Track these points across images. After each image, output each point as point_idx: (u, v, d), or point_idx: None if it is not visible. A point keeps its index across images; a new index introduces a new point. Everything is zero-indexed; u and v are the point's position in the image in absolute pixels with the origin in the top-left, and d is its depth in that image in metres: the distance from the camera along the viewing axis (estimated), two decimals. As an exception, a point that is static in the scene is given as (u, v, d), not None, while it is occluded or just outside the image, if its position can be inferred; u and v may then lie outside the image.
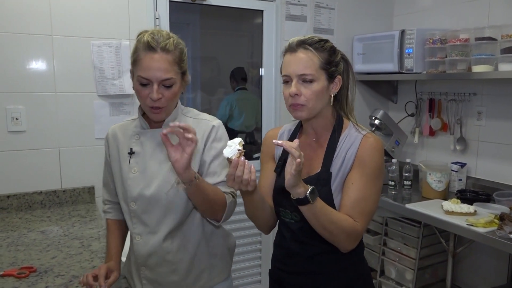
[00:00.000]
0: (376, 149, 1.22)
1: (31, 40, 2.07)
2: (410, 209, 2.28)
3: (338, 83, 1.25)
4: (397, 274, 2.61)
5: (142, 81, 1.23)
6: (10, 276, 1.35)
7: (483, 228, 1.92)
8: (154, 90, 1.22)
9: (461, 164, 2.59)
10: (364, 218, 1.20)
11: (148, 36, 1.23)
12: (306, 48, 1.21)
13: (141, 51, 1.22)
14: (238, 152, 1.09)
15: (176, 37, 1.29)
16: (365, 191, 1.20)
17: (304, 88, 1.20)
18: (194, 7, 2.57)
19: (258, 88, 3.26)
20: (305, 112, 1.22)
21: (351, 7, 2.95)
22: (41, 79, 2.11)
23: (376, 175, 1.22)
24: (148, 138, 1.35)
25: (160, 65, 1.21)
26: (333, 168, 1.23)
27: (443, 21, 2.70)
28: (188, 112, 1.39)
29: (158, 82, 1.22)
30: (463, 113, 2.63)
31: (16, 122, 2.07)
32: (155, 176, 1.30)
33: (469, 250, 2.61)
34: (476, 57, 2.26)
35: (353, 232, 1.18)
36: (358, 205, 1.19)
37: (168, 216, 1.31)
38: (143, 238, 1.34)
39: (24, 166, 2.11)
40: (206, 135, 1.32)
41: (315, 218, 1.14)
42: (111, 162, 1.40)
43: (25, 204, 2.10)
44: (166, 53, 1.22)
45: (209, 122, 1.35)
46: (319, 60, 1.20)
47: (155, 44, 1.21)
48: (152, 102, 1.24)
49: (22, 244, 1.64)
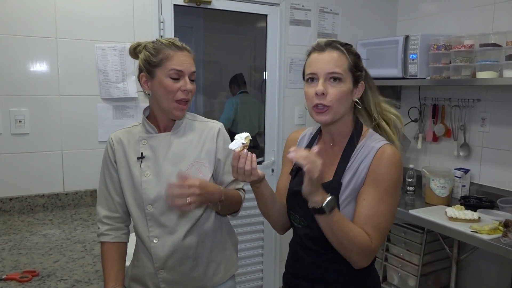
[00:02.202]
0: (392, 163, 1.16)
1: (35, 43, 2.07)
2: (413, 215, 2.27)
3: (361, 89, 1.23)
4: (400, 280, 2.60)
5: (174, 75, 1.31)
6: (12, 280, 1.34)
7: (488, 235, 1.91)
8: (186, 81, 1.31)
9: (465, 170, 2.58)
10: (377, 235, 1.14)
11: (166, 39, 1.36)
12: (336, 48, 1.18)
13: (169, 50, 1.32)
14: (242, 145, 1.15)
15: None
16: (378, 207, 1.14)
17: (331, 88, 1.16)
18: (198, 11, 2.57)
19: (261, 92, 3.26)
20: (329, 115, 1.18)
21: (355, 12, 2.95)
22: (45, 82, 2.11)
23: (392, 191, 1.16)
24: (157, 142, 1.37)
25: (190, 60, 1.34)
26: (344, 178, 1.19)
27: (448, 27, 2.70)
28: (190, 116, 1.46)
29: (188, 74, 1.33)
30: (467, 119, 2.63)
31: (20, 125, 2.07)
32: (171, 177, 1.33)
33: (472, 257, 2.60)
34: (481, 63, 2.26)
35: (366, 248, 1.13)
36: (371, 222, 1.14)
37: (186, 215, 1.35)
38: (161, 240, 1.33)
39: (27, 168, 2.11)
40: (215, 136, 1.41)
41: (330, 229, 1.11)
42: (118, 168, 1.38)
43: (27, 207, 2.10)
44: (189, 52, 1.36)
45: (215, 124, 1.44)
46: (348, 61, 1.18)
47: (180, 44, 1.34)
48: (182, 94, 1.31)
49: (25, 248, 1.63)
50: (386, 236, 1.22)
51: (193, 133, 1.41)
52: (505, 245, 1.82)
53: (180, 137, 1.39)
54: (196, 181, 1.20)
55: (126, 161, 1.38)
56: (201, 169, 1.37)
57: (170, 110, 1.33)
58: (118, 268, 1.36)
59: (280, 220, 1.36)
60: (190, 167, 1.36)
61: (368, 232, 1.13)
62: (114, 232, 1.39)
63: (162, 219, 1.34)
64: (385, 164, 1.15)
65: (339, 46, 1.18)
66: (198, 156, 1.38)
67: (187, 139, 1.39)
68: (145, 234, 1.35)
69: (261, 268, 2.86)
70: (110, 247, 1.38)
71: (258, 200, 1.29)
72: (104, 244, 1.39)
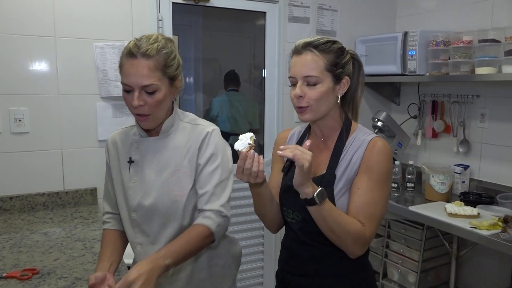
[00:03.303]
0: (383, 153, 1.21)
1: (34, 42, 2.07)
2: (413, 211, 2.27)
3: (346, 84, 1.24)
4: (400, 276, 2.60)
5: (126, 87, 1.22)
6: (13, 278, 1.35)
7: (487, 230, 1.92)
8: (134, 97, 1.20)
9: (464, 166, 2.58)
10: (371, 223, 1.18)
11: (132, 42, 1.22)
12: (311, 50, 1.20)
13: (123, 57, 1.22)
14: (248, 146, 1.13)
15: (165, 42, 1.25)
16: (372, 195, 1.19)
17: (308, 90, 1.20)
18: (196, 9, 2.57)
19: (260, 90, 3.27)
20: (309, 114, 1.22)
21: (354, 8, 2.95)
22: (44, 81, 2.11)
23: (384, 179, 1.21)
24: (145, 147, 1.33)
25: (140, 71, 1.18)
26: (338, 170, 1.23)
27: (446, 23, 2.70)
28: (185, 117, 1.37)
29: (139, 88, 1.20)
30: (466, 115, 2.63)
31: (19, 124, 2.07)
32: (153, 185, 1.29)
33: (472, 253, 2.60)
34: (480, 59, 2.25)
35: (360, 237, 1.17)
36: (365, 209, 1.18)
37: (168, 226, 1.29)
38: (143, 248, 1.32)
39: (27, 167, 2.11)
40: (200, 140, 1.30)
41: (323, 220, 1.14)
42: (111, 169, 1.39)
43: (27, 206, 2.10)
44: (146, 58, 1.19)
45: (205, 127, 1.32)
46: (324, 62, 1.20)
47: (136, 50, 1.19)
48: (135, 109, 1.22)
49: (25, 246, 1.64)
50: (379, 224, 1.23)
51: (182, 137, 1.32)
52: (504, 240, 1.82)
53: (168, 141, 1.32)
54: (129, 277, 1.04)
55: (118, 163, 1.36)
56: (182, 179, 1.29)
57: (136, 120, 1.28)
58: (113, 249, 1.35)
59: (276, 220, 1.36)
60: (171, 176, 1.29)
61: (362, 220, 1.17)
62: (114, 221, 1.42)
63: (144, 228, 1.32)
64: (377, 154, 1.20)
65: (312, 49, 1.20)
66: (180, 163, 1.29)
67: (175, 144, 1.31)
68: (131, 239, 1.36)
69: (261, 273, 2.87)
70: (108, 232, 1.40)
71: (256, 201, 1.29)
72: (105, 231, 1.42)
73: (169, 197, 1.28)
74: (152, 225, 1.31)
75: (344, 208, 1.20)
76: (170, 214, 1.29)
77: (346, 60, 1.24)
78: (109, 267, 1.27)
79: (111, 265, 1.29)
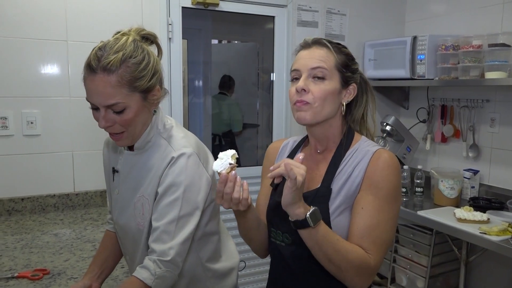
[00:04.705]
0: (391, 166, 1.03)
1: (46, 46, 2.11)
2: (422, 216, 2.26)
3: (353, 92, 1.12)
4: (408, 282, 2.58)
5: (91, 105, 1.06)
6: (24, 278, 1.37)
7: (497, 236, 1.90)
8: (100, 117, 1.04)
9: (474, 171, 2.56)
10: (378, 250, 0.99)
11: (93, 52, 1.03)
12: (323, 45, 1.09)
13: (84, 70, 1.04)
14: (229, 166, 0.95)
15: (134, 47, 1.05)
16: (379, 217, 1.00)
17: (313, 85, 1.05)
18: (206, 13, 2.59)
19: (268, 93, 3.28)
20: (309, 112, 1.05)
21: (363, 13, 2.95)
22: (56, 84, 2.15)
23: (392, 198, 1.02)
24: (124, 160, 1.20)
25: (101, 89, 1.01)
26: (335, 184, 1.05)
27: (456, 27, 2.69)
28: (165, 131, 1.17)
29: (104, 107, 1.03)
30: (475, 119, 2.61)
31: (31, 126, 2.11)
32: (127, 204, 1.18)
33: (481, 259, 2.57)
34: (489, 64, 2.24)
35: (364, 266, 0.97)
36: (371, 233, 0.99)
37: (138, 249, 1.18)
38: (129, 260, 1.28)
39: (38, 169, 2.14)
40: (163, 166, 1.11)
41: (318, 246, 0.95)
42: (104, 172, 1.34)
43: (38, 207, 2.13)
44: (107, 74, 1.00)
45: (171, 152, 1.12)
46: (335, 59, 1.08)
47: (96, 64, 1.01)
48: (105, 129, 1.08)
49: (36, 247, 1.66)
50: (387, 251, 1.05)
51: (157, 157, 1.14)
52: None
53: (143, 159, 1.15)
54: None
55: (108, 168, 1.29)
56: (144, 207, 1.14)
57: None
58: (108, 255, 1.31)
59: (264, 243, 1.19)
60: (137, 201, 1.15)
61: (367, 246, 0.99)
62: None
63: (123, 243, 1.27)
64: (383, 168, 1.03)
65: (326, 43, 1.09)
66: (145, 189, 1.14)
67: (149, 164, 1.14)
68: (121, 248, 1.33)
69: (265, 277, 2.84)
70: (108, 234, 1.38)
71: (241, 226, 1.12)
72: (106, 232, 1.40)
73: (135, 222, 1.17)
74: (127, 244, 1.25)
75: (342, 230, 1.02)
76: (137, 240, 1.18)
77: (355, 67, 1.13)
78: (98, 276, 1.24)
79: (101, 273, 1.26)
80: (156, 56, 1.14)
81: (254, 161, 4.04)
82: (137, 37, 1.10)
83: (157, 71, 1.10)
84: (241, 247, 1.54)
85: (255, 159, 4.08)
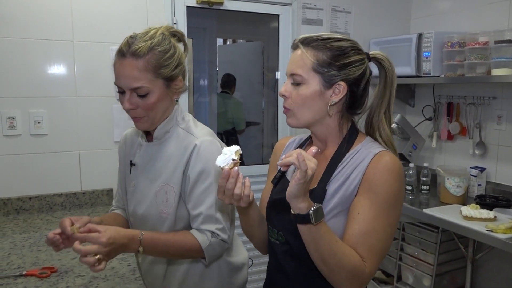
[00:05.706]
0: (391, 171, 0.97)
1: (53, 46, 2.13)
2: (428, 214, 2.25)
3: (342, 90, 1.02)
4: (415, 280, 2.58)
5: (118, 88, 1.14)
6: (32, 276, 1.39)
7: (504, 234, 1.89)
8: (125, 99, 1.12)
9: (481, 168, 2.54)
10: (373, 258, 0.95)
11: (125, 40, 1.13)
12: (299, 47, 1.04)
13: (115, 56, 1.13)
14: (232, 162, 0.94)
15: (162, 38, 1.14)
16: (375, 223, 0.95)
17: (293, 90, 1.04)
18: (211, 12, 2.60)
19: (274, 92, 3.28)
20: (291, 118, 1.06)
21: (368, 10, 2.94)
22: (63, 84, 2.16)
23: (390, 204, 0.97)
24: (143, 152, 1.26)
25: (128, 72, 1.09)
26: (331, 186, 1.01)
27: (462, 24, 2.67)
28: (183, 122, 1.25)
29: (130, 90, 1.11)
30: (482, 117, 2.59)
31: (38, 126, 2.13)
32: (146, 194, 1.23)
33: (488, 257, 2.56)
34: (496, 60, 2.22)
35: (357, 273, 0.93)
36: (366, 240, 0.95)
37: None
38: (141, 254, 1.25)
39: (45, 168, 2.16)
40: (188, 154, 1.18)
41: (315, 244, 0.91)
42: (120, 166, 1.38)
43: (46, 206, 2.15)
44: (135, 58, 1.09)
45: (193, 139, 1.19)
46: (311, 61, 1.01)
47: (126, 49, 1.10)
48: (127, 112, 1.15)
49: (44, 245, 1.68)
50: (382, 259, 0.99)
51: (175, 146, 1.20)
52: (521, 244, 1.80)
53: (162, 149, 1.22)
54: (103, 237, 1.00)
55: (124, 162, 1.34)
56: (168, 196, 1.19)
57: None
58: (109, 217, 1.34)
59: (266, 240, 1.18)
60: (160, 190, 1.20)
61: (362, 253, 0.94)
62: (119, 209, 1.44)
63: None
64: (382, 172, 0.97)
65: (301, 45, 1.04)
66: (169, 178, 1.19)
67: (168, 153, 1.21)
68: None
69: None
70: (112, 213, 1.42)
71: (243, 222, 1.12)
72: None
73: (157, 211, 1.21)
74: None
75: (336, 233, 0.96)
76: (158, 228, 1.22)
77: (347, 62, 1.02)
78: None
79: (100, 221, 1.22)
80: (182, 51, 1.22)
81: (259, 159, 4.04)
82: (166, 32, 1.19)
83: (181, 63, 1.19)
84: (246, 245, 1.54)
85: (260, 158, 4.08)
